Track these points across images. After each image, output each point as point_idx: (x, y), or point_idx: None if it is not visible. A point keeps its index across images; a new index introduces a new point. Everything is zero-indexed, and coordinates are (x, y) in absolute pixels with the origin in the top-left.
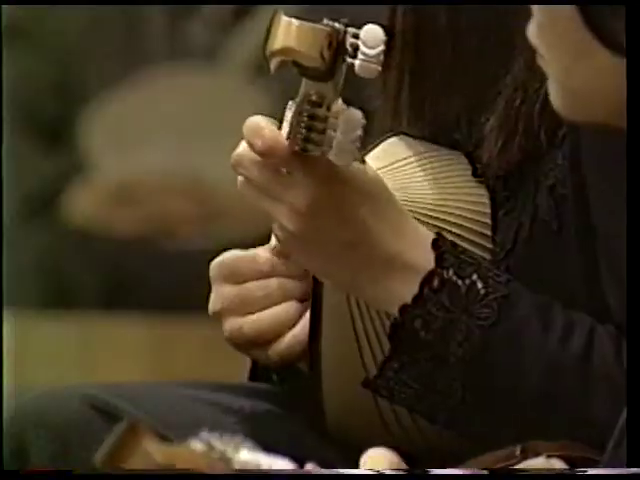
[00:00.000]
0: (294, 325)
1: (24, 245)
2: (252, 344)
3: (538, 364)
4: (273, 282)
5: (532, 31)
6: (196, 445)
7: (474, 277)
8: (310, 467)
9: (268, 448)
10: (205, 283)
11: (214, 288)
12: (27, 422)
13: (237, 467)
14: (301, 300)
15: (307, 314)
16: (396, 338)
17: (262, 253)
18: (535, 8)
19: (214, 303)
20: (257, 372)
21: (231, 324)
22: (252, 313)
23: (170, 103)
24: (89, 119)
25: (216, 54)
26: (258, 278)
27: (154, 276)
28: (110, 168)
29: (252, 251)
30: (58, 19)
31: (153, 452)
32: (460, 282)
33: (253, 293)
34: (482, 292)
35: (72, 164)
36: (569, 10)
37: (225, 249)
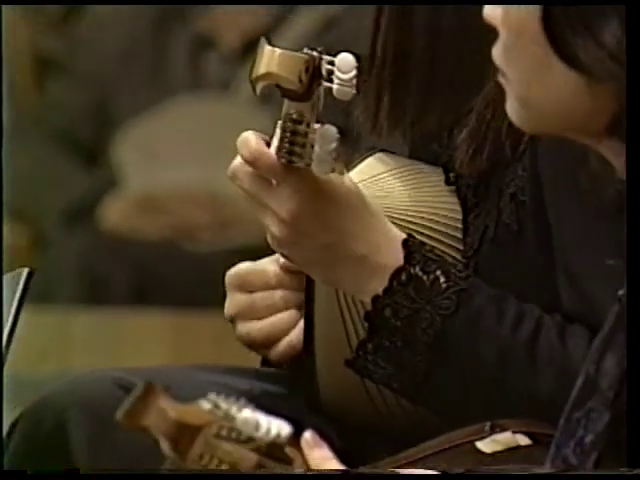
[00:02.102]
0: (291, 330)
1: (65, 248)
2: (258, 346)
3: (492, 348)
4: (277, 293)
5: (496, 52)
6: (204, 404)
7: (437, 272)
8: (308, 435)
9: None
10: (219, 280)
11: (228, 295)
12: (66, 401)
13: (239, 424)
14: (299, 308)
15: (302, 320)
16: (370, 324)
17: (270, 267)
18: (502, 30)
19: (228, 309)
20: (267, 363)
21: (241, 328)
22: (259, 319)
23: (190, 127)
24: (121, 141)
25: (229, 85)
26: (265, 289)
27: (176, 275)
28: (138, 182)
29: (262, 264)
30: (93, 53)
31: (167, 409)
32: (425, 277)
33: (260, 302)
34: (444, 285)
35: (106, 179)
36: (532, 27)
37: (236, 251)
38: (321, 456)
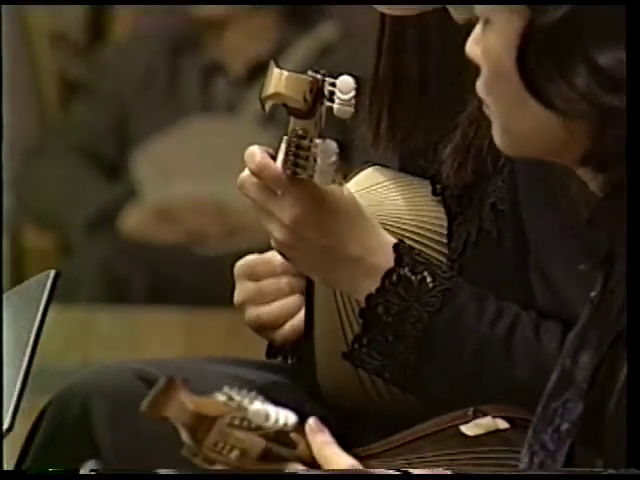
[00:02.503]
0: (296, 313)
1: (88, 253)
2: (266, 328)
3: (473, 341)
4: (283, 279)
5: (479, 85)
6: (219, 397)
7: (425, 273)
8: (311, 421)
9: None
10: (228, 282)
11: (237, 284)
12: (89, 389)
13: (250, 415)
14: (302, 293)
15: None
16: (364, 320)
17: (275, 256)
18: (482, 67)
19: (237, 296)
20: (272, 350)
21: (250, 313)
22: (267, 304)
23: (201, 145)
24: (139, 157)
25: (236, 107)
26: (271, 276)
27: (188, 276)
28: (155, 194)
29: (267, 255)
30: (114, 78)
31: (186, 401)
32: (413, 277)
33: (267, 288)
34: (430, 285)
35: (126, 191)
36: (509, 66)
37: (241, 255)
38: (323, 441)
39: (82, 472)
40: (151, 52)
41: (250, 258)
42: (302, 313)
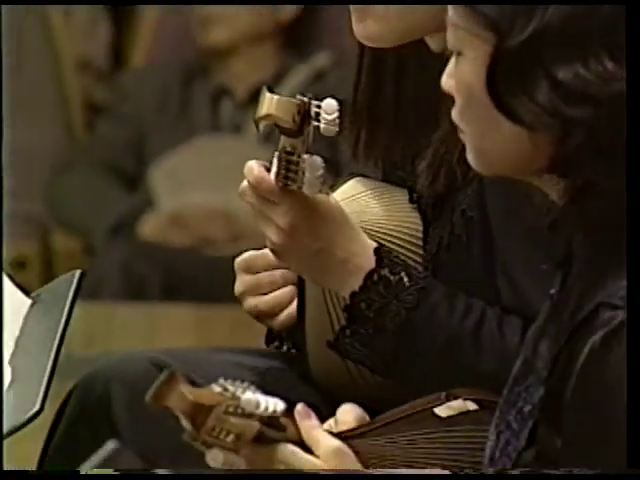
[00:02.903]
0: (290, 302)
1: (110, 255)
2: (264, 316)
3: (445, 335)
4: (277, 272)
5: (454, 114)
6: (215, 388)
7: (402, 274)
8: (300, 407)
9: (271, 393)
10: (233, 280)
11: (238, 277)
12: (110, 376)
13: (243, 403)
14: (295, 284)
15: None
16: (348, 315)
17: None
18: (456, 97)
19: (238, 287)
20: (270, 337)
21: (249, 302)
22: (263, 294)
23: (209, 160)
24: (155, 170)
25: (240, 127)
26: (267, 270)
27: (198, 275)
28: (169, 203)
29: (264, 251)
30: (133, 100)
31: (185, 392)
32: (392, 277)
33: (263, 280)
34: (407, 284)
35: (143, 201)
36: (480, 94)
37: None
38: (310, 424)
39: (103, 451)
40: (165, 78)
41: (248, 253)
42: (295, 303)
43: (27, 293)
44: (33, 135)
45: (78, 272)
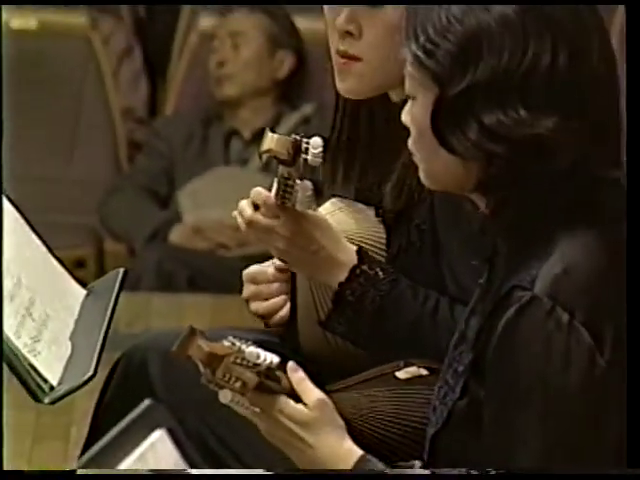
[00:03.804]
0: (283, 308)
1: (147, 256)
2: (263, 317)
3: (410, 316)
4: (274, 285)
5: (410, 143)
6: (225, 342)
7: (377, 269)
8: (291, 363)
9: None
10: (241, 276)
11: (245, 285)
12: (147, 347)
13: (247, 355)
14: (287, 294)
15: (289, 303)
16: (336, 300)
17: (269, 269)
18: (411, 130)
19: (245, 294)
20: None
21: (252, 306)
22: (263, 301)
23: (223, 186)
24: (182, 193)
25: (247, 160)
26: (267, 282)
27: (215, 272)
28: (192, 218)
29: (264, 267)
30: (164, 139)
31: (202, 344)
32: (370, 271)
33: (263, 290)
34: (381, 276)
35: (172, 216)
36: (426, 130)
37: (250, 258)
38: (299, 377)
39: (141, 408)
40: (189, 122)
41: (253, 268)
42: (287, 307)
43: (84, 285)
44: (90, 166)
45: (122, 270)
